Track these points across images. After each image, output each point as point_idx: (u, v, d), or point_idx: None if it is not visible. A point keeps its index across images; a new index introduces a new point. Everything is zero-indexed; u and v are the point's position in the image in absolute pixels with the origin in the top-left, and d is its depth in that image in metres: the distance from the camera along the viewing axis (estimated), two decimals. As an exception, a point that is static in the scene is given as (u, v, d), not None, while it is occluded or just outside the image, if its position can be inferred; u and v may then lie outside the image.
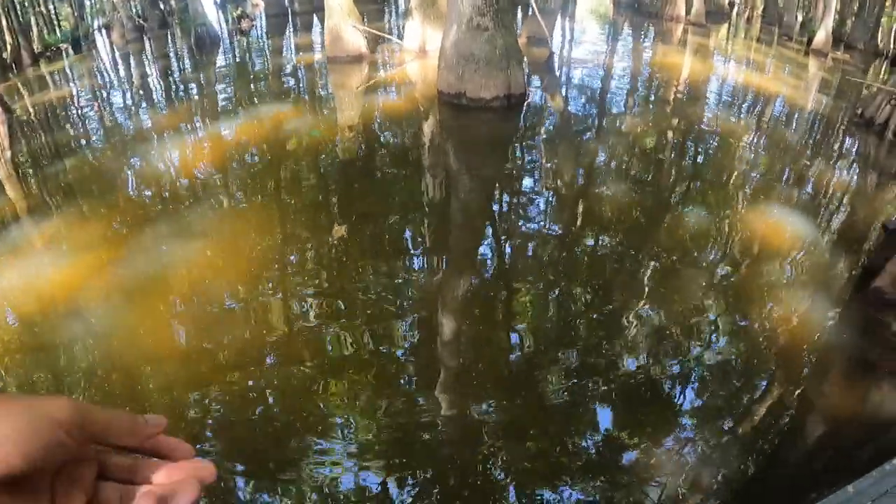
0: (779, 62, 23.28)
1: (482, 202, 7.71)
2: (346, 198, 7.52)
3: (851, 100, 15.87)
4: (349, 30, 13.43)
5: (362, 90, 11.62)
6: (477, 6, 9.49)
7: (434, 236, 6.80)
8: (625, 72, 15.94)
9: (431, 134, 9.85)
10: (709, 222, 7.75)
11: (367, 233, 6.70)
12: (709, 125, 11.84)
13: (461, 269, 6.15)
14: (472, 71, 9.74)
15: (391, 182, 8.01)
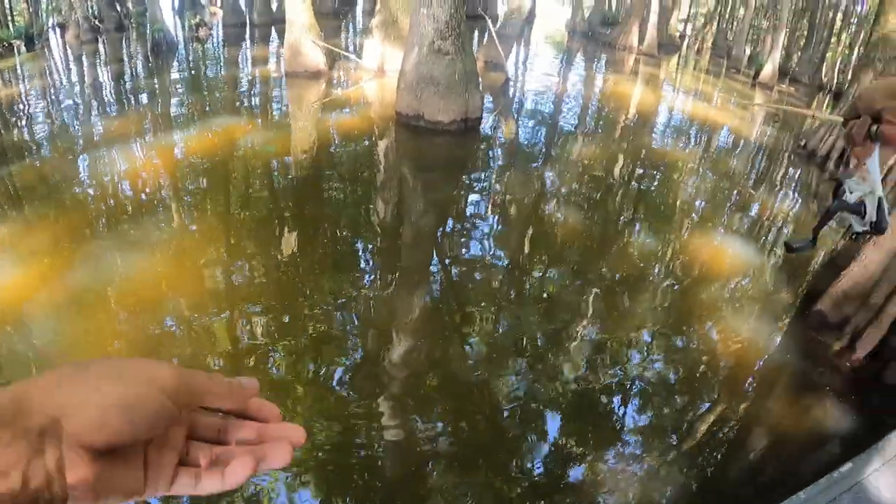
0: (726, 94, 23.86)
1: (435, 222, 7.73)
2: (297, 214, 7.46)
3: (795, 131, 16.32)
4: (309, 45, 13.40)
5: (320, 107, 11.56)
6: (439, 30, 9.60)
7: (385, 255, 6.78)
8: (577, 99, 16.21)
9: (388, 154, 9.87)
10: (655, 246, 7.90)
11: (318, 250, 6.64)
12: (656, 153, 12.08)
13: (411, 288, 6.11)
14: (431, 94, 9.83)
15: (345, 200, 7.97)
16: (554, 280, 6.76)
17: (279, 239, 6.77)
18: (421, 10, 9.72)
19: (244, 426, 0.65)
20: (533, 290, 6.52)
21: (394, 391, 4.82)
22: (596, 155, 10.84)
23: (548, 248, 7.47)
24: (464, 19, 10.15)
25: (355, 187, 8.49)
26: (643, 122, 14.99)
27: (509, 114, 12.79)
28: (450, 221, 7.77)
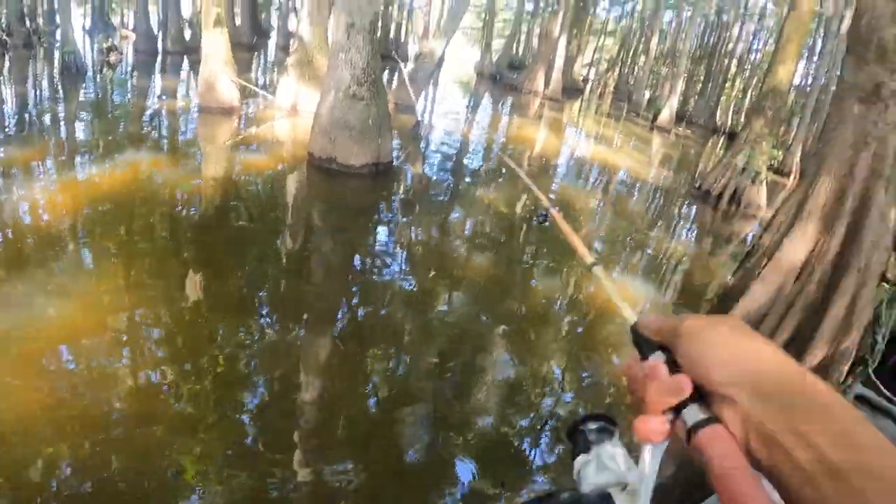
0: (626, 136, 24.76)
1: (344, 263, 7.71)
2: (205, 255, 7.21)
3: (690, 172, 17.18)
4: (224, 80, 13.20)
5: (232, 144, 11.42)
6: (355, 76, 9.73)
7: (295, 297, 6.63)
8: (484, 141, 16.56)
9: (299, 196, 9.85)
10: (558, 284, 8.12)
11: (226, 291, 6.37)
12: (558, 193, 12.44)
13: (320, 329, 6.05)
14: (345, 138, 9.94)
15: (255, 241, 7.81)
16: (461, 318, 6.82)
17: (186, 279, 6.41)
18: (339, 55, 9.86)
19: None
20: (441, 328, 6.54)
21: (302, 434, 4.71)
22: (500, 196, 11.11)
23: (455, 286, 7.55)
24: (380, 66, 10.35)
25: (266, 228, 8.34)
26: (546, 163, 15.54)
27: (419, 156, 12.99)
28: (359, 262, 7.76)
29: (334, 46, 10.09)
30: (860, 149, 5.85)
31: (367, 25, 9.81)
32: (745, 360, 0.60)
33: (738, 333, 0.62)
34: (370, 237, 8.60)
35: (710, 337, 0.63)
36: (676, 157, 23.11)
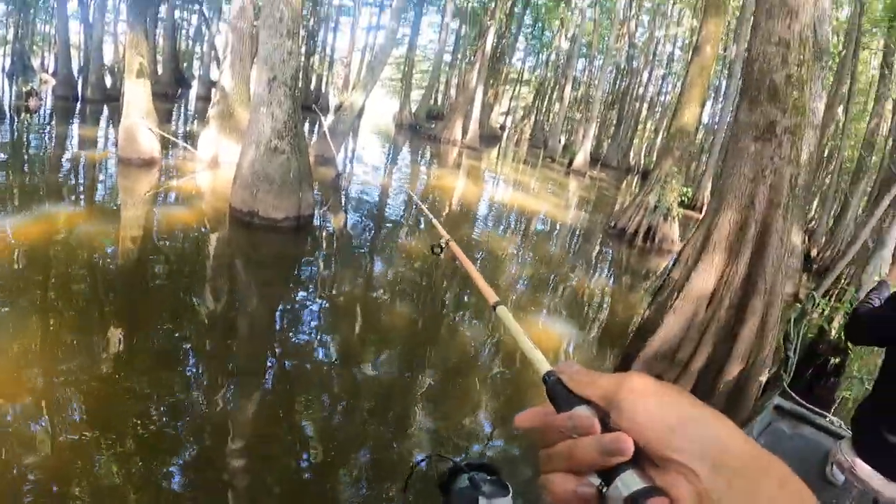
0: (543, 181, 25.33)
1: (267, 317, 7.55)
2: (126, 312, 6.89)
3: (606, 212, 17.70)
4: (144, 131, 12.96)
5: (153, 197, 11.16)
6: (277, 129, 9.76)
7: (218, 352, 6.34)
8: (404, 192, 16.64)
9: (221, 249, 9.68)
10: (483, 330, 8.16)
11: (148, 348, 6.14)
12: (479, 240, 12.63)
13: (245, 385, 5.83)
14: (266, 191, 9.92)
15: (177, 296, 7.60)
16: (388, 367, 6.79)
17: (106, 337, 6.10)
18: (260, 109, 9.90)
19: None
20: (367, 379, 6.46)
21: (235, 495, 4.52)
22: (420, 245, 11.21)
23: (379, 337, 7.50)
24: (300, 119, 10.43)
25: (188, 283, 8.10)
26: (465, 211, 15.77)
27: (340, 208, 13.03)
28: (282, 316, 7.62)
29: (255, 99, 10.15)
30: (758, 182, 6.28)
31: (288, 79, 9.90)
32: (706, 432, 0.54)
33: (694, 403, 0.57)
34: (294, 291, 8.50)
35: (664, 400, 0.56)
36: (592, 199, 23.83)
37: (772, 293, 6.18)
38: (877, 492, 3.19)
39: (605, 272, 13.12)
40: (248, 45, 14.87)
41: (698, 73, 15.68)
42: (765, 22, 6.37)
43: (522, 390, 6.68)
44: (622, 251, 14.75)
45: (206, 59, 37.28)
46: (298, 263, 9.67)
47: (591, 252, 14.76)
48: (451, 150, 28.93)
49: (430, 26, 57.92)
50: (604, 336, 8.98)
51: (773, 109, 6.22)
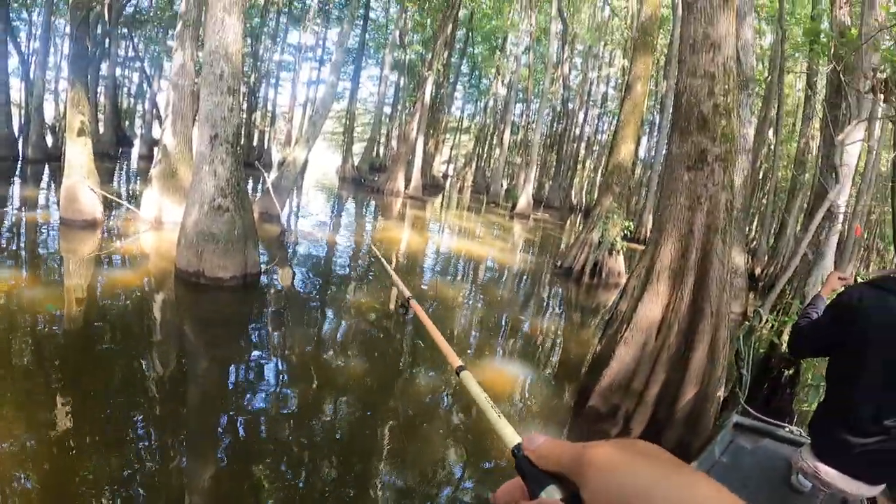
0: (487, 227, 25.54)
1: (220, 380, 7.30)
2: (71, 381, 6.54)
3: (552, 252, 17.89)
4: (86, 192, 12.73)
5: (96, 259, 10.92)
6: (220, 187, 9.70)
7: (170, 420, 6.12)
8: (349, 246, 16.61)
9: (168, 312, 9.45)
10: (440, 379, 8.07)
11: (95, 418, 5.83)
12: (428, 290, 12.62)
13: (200, 451, 5.67)
14: (211, 251, 9.79)
15: (124, 363, 7.36)
16: (345, 425, 6.66)
17: (50, 409, 5.84)
18: (202, 167, 9.83)
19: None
20: (325, 437, 6.35)
21: None
22: (371, 298, 11.15)
23: (335, 393, 7.39)
24: (243, 176, 10.39)
25: (135, 349, 7.83)
26: (412, 262, 15.75)
27: (287, 265, 12.94)
28: (234, 377, 7.40)
29: (198, 157, 10.09)
30: (695, 209, 6.48)
31: (229, 136, 9.88)
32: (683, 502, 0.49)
33: (665, 465, 0.52)
34: (244, 351, 8.28)
35: (629, 472, 0.52)
36: (537, 240, 24.12)
37: (719, 315, 6.33)
38: (843, 492, 3.29)
39: (555, 311, 13.24)
40: (190, 103, 14.83)
41: (631, 110, 16.12)
42: (689, 56, 6.64)
43: (482, 436, 6.63)
44: (570, 289, 14.93)
45: (147, 117, 37.20)
46: (247, 323, 9.49)
47: (541, 292, 14.92)
48: (394, 202, 29.08)
49: (370, 79, 58.68)
50: (559, 373, 9.04)
51: (704, 139, 6.45)
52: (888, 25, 8.80)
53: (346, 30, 20.96)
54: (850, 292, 3.20)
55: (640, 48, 16.59)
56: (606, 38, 43.79)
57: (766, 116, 22.96)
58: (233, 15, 9.82)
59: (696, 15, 6.62)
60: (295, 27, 44.95)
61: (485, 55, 51.46)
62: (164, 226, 14.10)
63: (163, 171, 14.59)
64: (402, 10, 34.71)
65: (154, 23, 38.45)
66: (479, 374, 8.31)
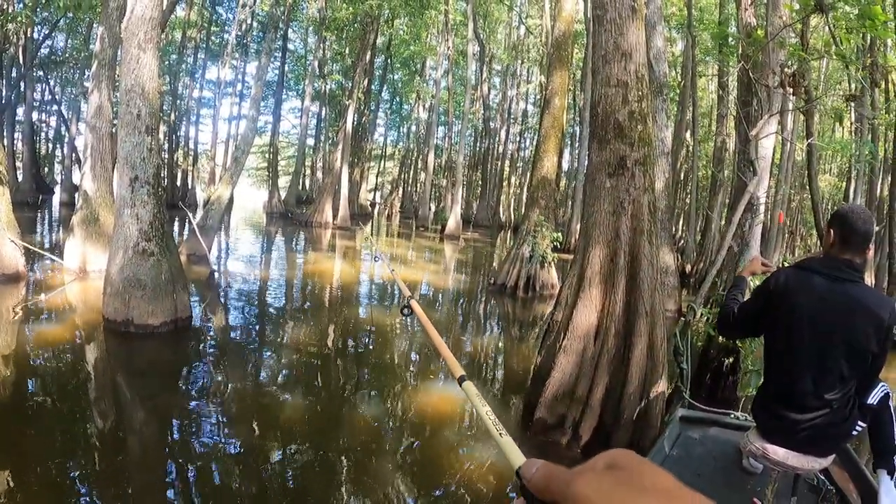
0: (418, 251, 25.61)
1: (159, 430, 7.03)
2: (4, 445, 6.55)
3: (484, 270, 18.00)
4: (6, 244, 12.13)
5: (20, 314, 10.56)
6: (143, 231, 9.46)
7: (113, 478, 5.98)
8: (282, 281, 16.38)
9: (99, 364, 9.11)
10: (386, 407, 8.06)
11: (32, 482, 5.53)
12: (364, 319, 12.59)
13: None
14: (139, 297, 9.53)
15: (59, 421, 7.01)
16: (294, 462, 6.50)
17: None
18: (124, 212, 9.60)
19: None
20: (275, 479, 6.13)
21: None
22: (309, 332, 10.97)
23: (281, 431, 7.18)
24: (167, 218, 10.16)
25: (69, 405, 7.51)
26: (346, 293, 15.70)
27: (219, 307, 12.68)
28: (177, 428, 7.20)
29: (119, 202, 9.86)
30: (619, 214, 6.64)
31: (150, 178, 9.69)
32: None
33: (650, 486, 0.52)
34: (182, 398, 8.01)
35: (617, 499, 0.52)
36: (469, 260, 24.30)
37: (653, 313, 6.48)
38: (794, 468, 3.40)
39: (493, 328, 13.32)
40: (108, 145, 14.42)
41: (551, 124, 16.41)
42: (602, 67, 6.83)
43: (435, 458, 6.65)
44: (507, 304, 15.05)
45: (67, 162, 36.21)
46: (182, 369, 9.21)
47: (478, 311, 15.01)
48: (324, 233, 28.97)
49: (292, 111, 58.23)
50: (505, 388, 9.10)
51: (622, 145, 6.63)
52: (791, 23, 9.20)
53: (264, 63, 20.87)
54: (777, 275, 3.33)
55: (556, 63, 16.91)
56: (523, 55, 44.68)
57: (682, 119, 23.80)
58: (148, 52, 9.65)
59: (607, 27, 6.82)
60: (213, 62, 44.48)
61: (405, 81, 51.88)
62: (89, 275, 13.67)
63: (84, 217, 14.11)
64: (320, 40, 34.79)
65: (70, 64, 37.57)
66: (425, 398, 8.36)
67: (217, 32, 43.90)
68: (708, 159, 31.05)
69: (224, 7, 43.67)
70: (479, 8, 36.57)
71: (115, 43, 14.25)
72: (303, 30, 44.72)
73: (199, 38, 40.67)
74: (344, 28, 34.77)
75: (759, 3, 12.46)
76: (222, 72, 42.00)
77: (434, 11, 32.46)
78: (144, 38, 9.61)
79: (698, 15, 25.03)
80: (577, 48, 30.23)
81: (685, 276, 21.00)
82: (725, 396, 8.57)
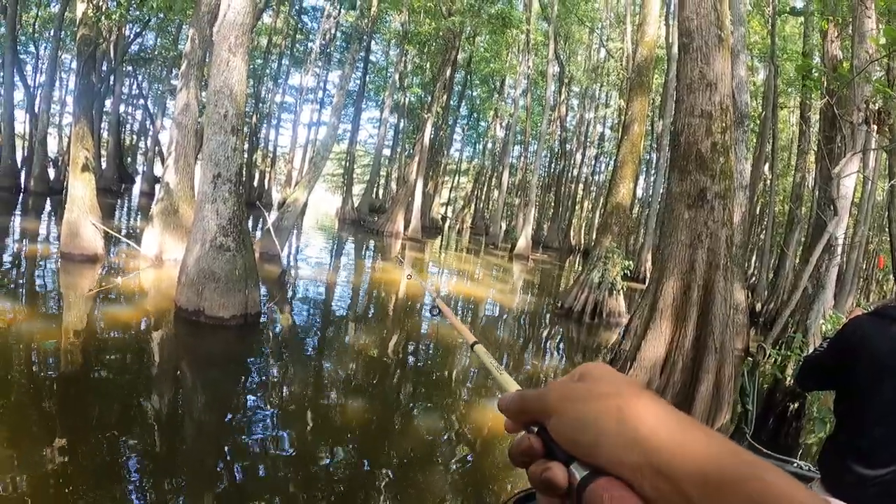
0: (486, 268, 25.52)
1: (217, 419, 7.14)
2: (66, 414, 6.36)
3: (552, 293, 17.85)
4: (88, 227, 12.73)
5: (95, 295, 10.75)
6: (222, 226, 9.72)
7: (166, 458, 5.88)
8: (349, 286, 16.59)
9: (167, 350, 9.29)
10: (440, 420, 8.00)
11: (90, 453, 5.74)
12: (427, 332, 12.56)
13: (195, 494, 5.48)
14: (212, 290, 9.73)
15: (121, 400, 7.27)
16: (343, 467, 6.49)
17: (44, 440, 5.76)
18: (205, 206, 9.86)
19: None
20: (322, 479, 6.17)
21: None
22: (370, 339, 11.07)
23: (334, 433, 7.18)
24: (245, 216, 10.40)
25: (132, 385, 7.61)
26: (411, 304, 15.74)
27: (287, 305, 12.87)
28: (232, 418, 7.25)
29: (200, 196, 10.13)
30: (696, 246, 6.50)
31: (232, 176, 9.93)
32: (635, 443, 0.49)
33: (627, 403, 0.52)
34: (243, 391, 8.15)
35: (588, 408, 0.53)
36: (537, 281, 24.09)
37: (722, 350, 6.33)
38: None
39: (557, 352, 13.18)
40: (192, 142, 14.92)
41: (629, 150, 16.25)
42: (687, 96, 6.72)
43: (487, 476, 6.57)
44: (571, 329, 14.88)
45: (149, 154, 37.76)
46: (247, 363, 9.38)
47: (541, 333, 14.86)
48: (394, 243, 29.18)
49: (370, 121, 59.06)
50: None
51: (702, 177, 6.51)
52: (879, 57, 8.91)
53: (347, 72, 21.21)
54: (852, 323, 3.19)
55: (637, 88, 16.76)
56: (602, 79, 44.33)
57: (761, 152, 23.15)
58: (238, 55, 9.93)
59: (693, 55, 6.72)
60: (297, 69, 45.75)
61: (483, 97, 52.00)
62: (164, 263, 14.08)
63: (165, 208, 14.58)
64: (401, 53, 35.12)
65: (158, 62, 39.05)
66: (481, 416, 8.24)
67: (301, 40, 45.16)
68: (785, 195, 30.27)
69: (309, 16, 44.83)
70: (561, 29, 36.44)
71: (205, 45, 14.74)
72: (385, 42, 45.35)
73: (283, 45, 41.76)
74: (426, 42, 35.08)
75: (846, 35, 12.15)
76: (305, 78, 42.98)
77: (516, 30, 32.43)
78: (235, 42, 9.89)
79: (781, 44, 24.37)
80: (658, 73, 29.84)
81: (755, 314, 20.40)
82: (788, 442, 8.29)
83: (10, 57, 25.53)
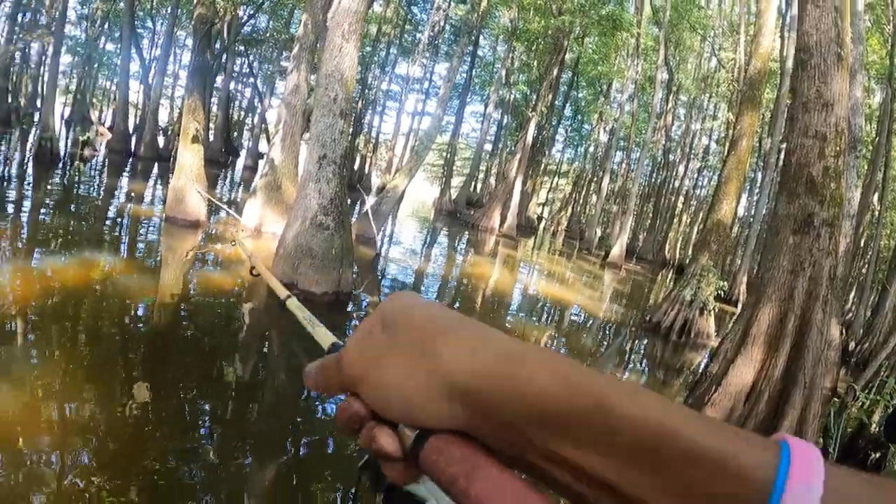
0: (578, 273, 25.31)
1: (293, 391, 7.27)
2: (151, 365, 6.84)
3: (641, 306, 17.58)
4: (193, 193, 13.33)
5: (194, 258, 11.24)
6: (323, 206, 9.97)
7: (241, 420, 6.27)
8: (439, 277, 16.75)
9: (256, 317, 9.53)
10: None
11: (169, 403, 6.07)
12: (511, 328, 12.50)
13: (264, 458, 5.68)
14: (308, 265, 9.97)
15: (206, 358, 7.28)
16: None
17: (128, 386, 6.15)
18: (308, 184, 10.13)
19: None
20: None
21: None
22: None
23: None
24: (346, 197, 10.65)
25: (218, 346, 8.09)
26: (499, 300, 15.76)
27: (377, 288, 13.05)
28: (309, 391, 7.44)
29: (305, 175, 10.43)
30: (798, 274, 6.32)
31: (337, 158, 10.19)
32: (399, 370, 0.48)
33: (434, 342, 0.49)
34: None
35: (397, 370, 0.48)
36: (627, 292, 23.69)
37: (812, 387, 6.14)
38: None
39: (639, 366, 12.99)
40: (300, 122, 15.42)
41: (735, 166, 15.83)
42: (801, 115, 6.52)
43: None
44: (657, 345, 14.61)
45: (255, 131, 38.93)
46: (332, 341, 9.47)
47: (625, 345, 14.65)
48: (488, 238, 29.23)
49: (473, 115, 59.33)
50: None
51: (811, 202, 6.31)
52: None
53: (455, 65, 21.36)
54: None
55: (747, 102, 16.30)
56: (711, 89, 43.15)
57: (871, 180, 21.96)
58: (350, 42, 10.14)
59: (810, 72, 6.51)
60: (404, 58, 46.41)
61: (588, 100, 51.42)
62: (262, 235, 14.58)
63: (268, 183, 15.10)
64: (509, 49, 35.05)
65: (269, 43, 40.35)
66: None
67: (410, 31, 45.78)
68: (893, 228, 28.99)
69: (419, 8, 45.21)
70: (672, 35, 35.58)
71: (317, 29, 15.13)
72: (493, 37, 45.24)
73: (392, 34, 42.58)
74: (534, 40, 34.90)
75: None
76: (411, 68, 43.44)
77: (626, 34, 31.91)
78: (348, 28, 10.10)
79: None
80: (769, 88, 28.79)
81: (847, 352, 19.40)
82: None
83: (127, 31, 27.05)
